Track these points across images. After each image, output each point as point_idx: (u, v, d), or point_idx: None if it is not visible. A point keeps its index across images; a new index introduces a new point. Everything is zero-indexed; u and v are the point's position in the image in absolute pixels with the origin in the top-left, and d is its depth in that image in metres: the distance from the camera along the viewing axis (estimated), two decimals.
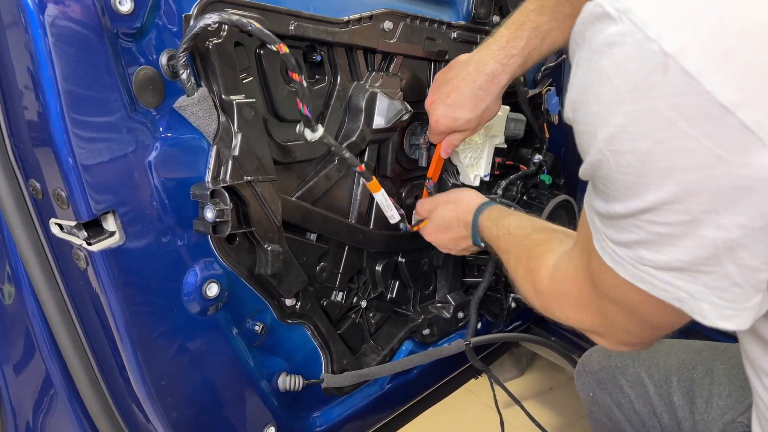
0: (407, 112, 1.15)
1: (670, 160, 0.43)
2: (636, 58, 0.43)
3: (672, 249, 0.47)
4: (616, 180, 0.48)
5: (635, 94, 0.43)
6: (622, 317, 0.63)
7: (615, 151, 0.46)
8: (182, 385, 0.92)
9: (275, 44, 0.84)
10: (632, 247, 0.51)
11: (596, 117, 0.47)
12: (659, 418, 1.00)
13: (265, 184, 0.91)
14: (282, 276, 1.00)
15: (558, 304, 0.77)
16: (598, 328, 0.70)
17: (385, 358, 1.27)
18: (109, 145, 0.77)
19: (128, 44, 0.78)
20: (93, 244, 0.78)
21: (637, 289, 0.52)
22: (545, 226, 0.96)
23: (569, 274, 0.72)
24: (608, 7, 0.43)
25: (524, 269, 0.86)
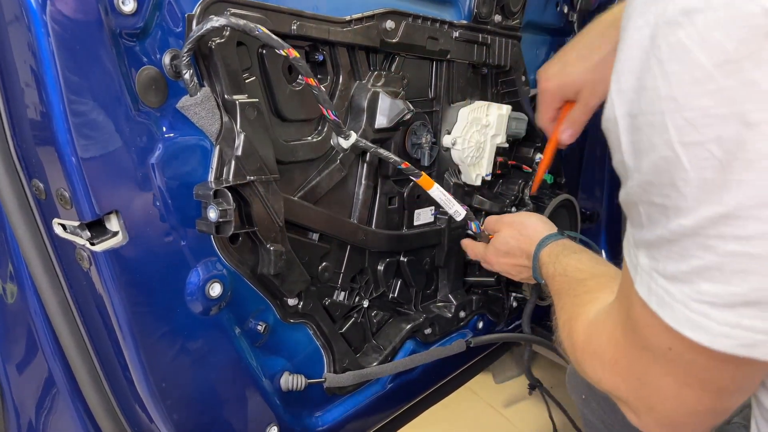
0: (409, 111, 1.15)
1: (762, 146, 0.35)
2: (727, 23, 0.34)
3: (749, 276, 0.38)
4: (688, 182, 0.39)
5: (726, 67, 0.35)
6: (670, 383, 0.51)
7: (693, 143, 0.38)
8: (185, 384, 0.92)
9: (284, 49, 0.84)
10: (691, 279, 0.41)
11: (668, 103, 0.38)
12: None
13: (268, 184, 0.91)
14: (284, 276, 1.00)
15: (591, 363, 0.65)
16: (635, 399, 0.57)
17: (387, 357, 1.27)
18: (113, 145, 0.77)
19: (131, 44, 0.78)
20: (96, 245, 0.78)
21: (697, 347, 0.43)
22: (606, 272, 0.81)
23: (607, 328, 0.61)
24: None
25: (566, 316, 0.75)
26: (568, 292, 0.80)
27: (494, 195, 1.53)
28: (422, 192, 1.31)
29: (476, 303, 1.51)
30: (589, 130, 1.80)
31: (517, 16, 1.40)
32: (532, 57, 1.55)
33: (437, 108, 1.32)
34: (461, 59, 1.31)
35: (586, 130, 1.21)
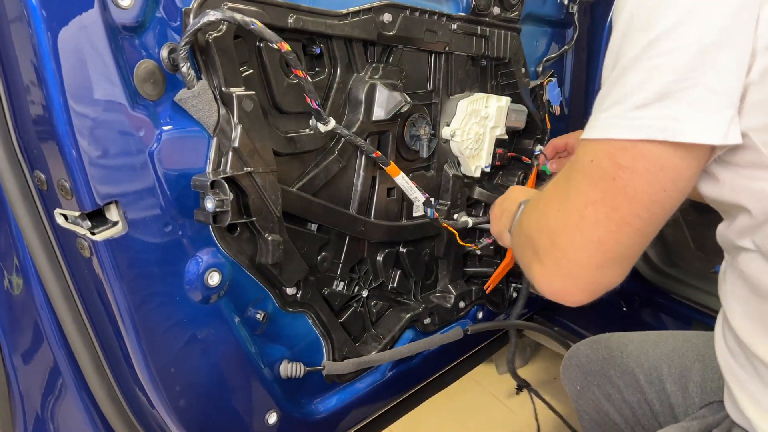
0: (407, 103, 1.16)
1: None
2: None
3: (664, 75, 0.55)
4: (635, 28, 0.58)
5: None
6: (581, 200, 0.63)
7: (638, 3, 0.58)
8: (185, 371, 0.94)
9: (277, 42, 0.85)
10: (625, 99, 0.58)
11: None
12: (650, 404, 1.01)
13: (265, 174, 0.93)
14: (283, 265, 1.01)
15: (529, 214, 0.77)
16: (545, 240, 0.68)
17: (386, 346, 1.28)
18: (112, 137, 0.78)
19: (129, 38, 0.79)
20: (96, 234, 0.80)
21: (623, 144, 0.58)
22: None
23: (549, 185, 0.75)
24: None
25: (523, 211, 0.88)
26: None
27: (494, 186, 1.54)
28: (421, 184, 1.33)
29: (476, 293, 1.53)
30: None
31: (516, 7, 1.41)
32: (532, 49, 1.56)
33: (436, 100, 1.33)
34: (460, 52, 1.32)
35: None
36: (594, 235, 0.63)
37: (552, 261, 0.67)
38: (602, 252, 0.64)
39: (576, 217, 0.64)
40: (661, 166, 0.58)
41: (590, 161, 0.62)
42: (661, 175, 0.59)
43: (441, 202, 1.40)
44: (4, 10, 0.74)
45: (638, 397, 1.03)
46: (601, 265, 0.64)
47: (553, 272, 0.68)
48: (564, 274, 0.67)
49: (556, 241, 0.67)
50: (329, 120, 1.01)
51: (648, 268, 1.97)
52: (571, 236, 0.65)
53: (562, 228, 0.66)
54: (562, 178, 0.69)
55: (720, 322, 0.79)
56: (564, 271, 0.67)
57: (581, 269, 0.65)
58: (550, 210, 0.69)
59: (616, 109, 0.59)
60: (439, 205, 1.40)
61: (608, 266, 0.65)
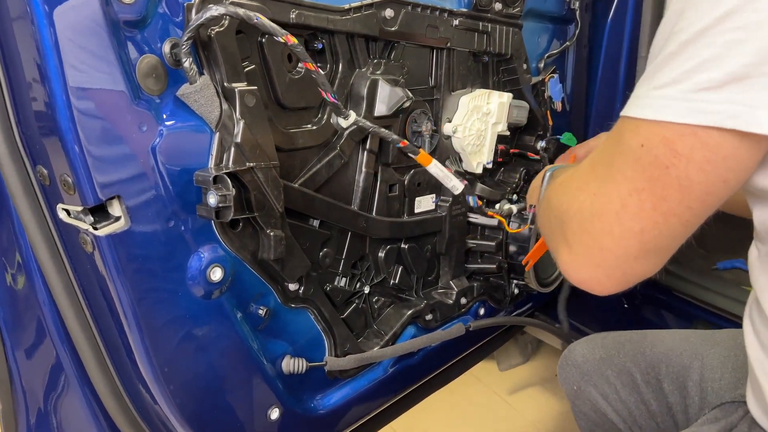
0: (408, 98, 1.16)
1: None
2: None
3: (738, 55, 0.48)
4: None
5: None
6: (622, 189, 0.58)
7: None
8: (187, 367, 0.94)
9: (282, 36, 0.85)
10: (688, 77, 0.51)
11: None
12: (647, 405, 1.01)
13: (267, 170, 0.93)
14: (285, 261, 1.01)
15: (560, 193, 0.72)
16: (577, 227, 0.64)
17: (387, 342, 1.28)
18: (114, 132, 0.79)
19: (131, 33, 0.79)
20: (99, 229, 0.80)
21: (684, 129, 0.51)
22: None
23: (586, 165, 0.68)
24: None
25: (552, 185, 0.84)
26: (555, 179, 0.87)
27: (495, 183, 1.54)
28: (423, 179, 1.33)
29: (477, 290, 1.52)
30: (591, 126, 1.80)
31: (518, 4, 1.41)
32: (534, 45, 1.56)
33: (438, 96, 1.33)
34: (462, 47, 1.32)
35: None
36: (636, 226, 0.58)
37: (582, 248, 0.63)
38: (642, 243, 0.59)
39: (617, 204, 0.59)
40: (724, 156, 0.52)
41: (640, 145, 0.56)
42: (723, 165, 0.53)
43: (443, 198, 1.40)
44: (6, 4, 0.74)
45: (635, 397, 1.03)
46: (639, 257, 0.60)
47: (582, 260, 0.64)
48: (595, 263, 0.62)
49: (588, 228, 0.62)
50: (349, 113, 1.00)
51: None
52: (608, 225, 0.60)
53: (598, 214, 0.61)
54: (602, 159, 0.63)
55: (750, 315, 0.71)
56: (595, 260, 0.62)
57: (615, 259, 0.61)
58: (585, 194, 0.64)
59: (675, 89, 0.52)
60: (441, 202, 1.40)
61: (646, 257, 0.60)
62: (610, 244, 0.60)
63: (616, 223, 0.59)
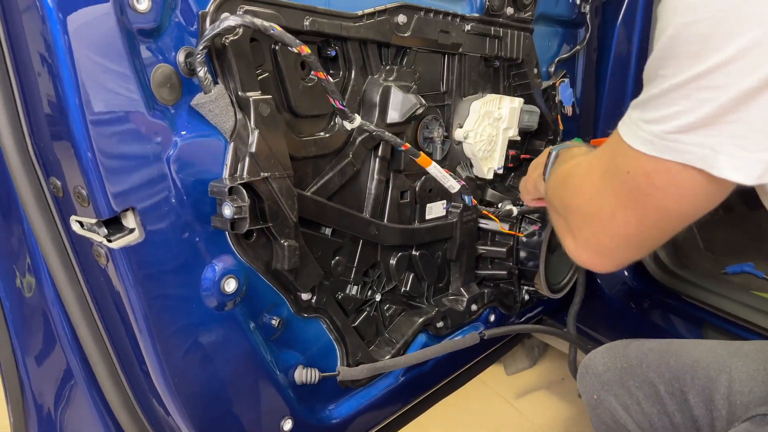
0: (421, 106, 1.15)
1: (736, 21, 0.51)
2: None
3: (709, 106, 0.55)
4: (681, 53, 0.56)
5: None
6: (615, 203, 0.67)
7: (688, 22, 0.55)
8: (200, 378, 0.93)
9: (296, 47, 0.84)
10: (668, 120, 0.58)
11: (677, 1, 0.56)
12: (671, 417, 0.99)
13: (282, 180, 0.91)
14: (298, 270, 1.00)
15: (561, 186, 0.84)
16: (580, 218, 0.74)
17: (399, 350, 1.27)
18: (129, 143, 0.77)
19: (146, 42, 0.78)
20: (113, 241, 0.79)
21: (658, 162, 0.60)
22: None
23: (584, 165, 0.78)
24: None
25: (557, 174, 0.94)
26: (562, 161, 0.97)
27: (506, 188, 1.53)
28: (434, 185, 1.32)
29: (488, 296, 1.51)
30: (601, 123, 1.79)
31: (530, 8, 1.39)
32: (544, 49, 1.55)
33: (449, 102, 1.32)
34: (473, 52, 1.31)
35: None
36: (623, 232, 0.68)
37: (583, 239, 0.74)
38: (631, 243, 0.70)
39: (607, 213, 0.69)
40: (694, 192, 0.60)
41: (627, 172, 0.64)
42: (693, 198, 0.61)
43: (454, 204, 1.39)
44: (20, 14, 0.73)
45: (658, 409, 1.01)
46: (629, 250, 0.71)
47: (584, 248, 0.75)
48: (594, 251, 0.73)
49: (588, 224, 0.73)
50: (354, 117, 1.00)
51: (658, 269, 1.96)
52: (602, 226, 0.70)
53: (594, 217, 0.71)
54: (599, 166, 0.72)
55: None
56: (594, 249, 0.73)
57: (611, 250, 0.72)
58: (582, 197, 0.74)
59: (657, 127, 0.59)
60: (452, 208, 1.39)
61: (636, 251, 0.71)
62: (605, 240, 0.71)
63: (608, 225, 0.70)
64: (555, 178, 0.91)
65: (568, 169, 0.87)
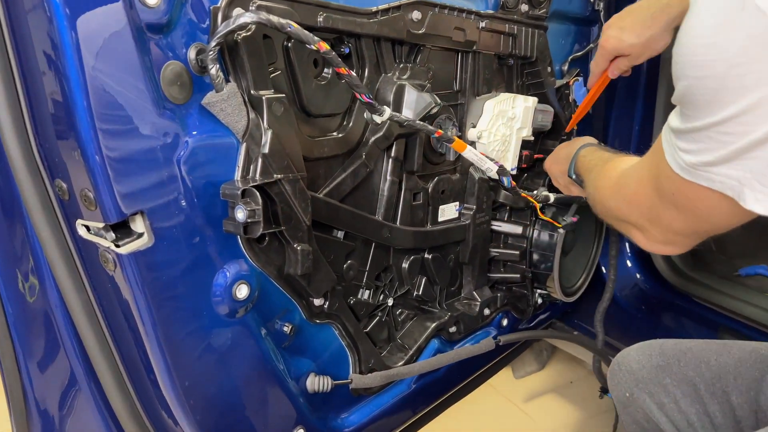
0: (436, 104, 1.11)
1: (741, 81, 0.56)
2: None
3: (731, 147, 0.60)
4: (699, 102, 0.61)
5: (717, 29, 0.57)
6: (671, 214, 0.77)
7: (699, 77, 0.60)
8: (210, 386, 0.90)
9: (314, 44, 0.81)
10: (698, 154, 0.65)
11: (687, 48, 0.61)
12: (711, 417, 0.96)
13: (295, 182, 0.88)
14: (311, 275, 0.97)
15: (617, 200, 0.93)
16: (644, 222, 0.85)
17: (412, 357, 1.24)
18: (138, 144, 0.74)
19: (155, 38, 0.75)
20: (121, 246, 0.76)
21: (697, 187, 0.67)
22: (623, 155, 1.08)
23: (635, 178, 0.87)
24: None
25: (595, 179, 1.04)
26: (597, 166, 1.08)
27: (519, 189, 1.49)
28: (447, 187, 1.29)
29: (501, 300, 1.48)
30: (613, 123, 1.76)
31: (544, 5, 1.36)
32: (557, 47, 1.51)
33: (462, 101, 1.29)
34: (487, 50, 1.28)
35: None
36: (682, 231, 0.80)
37: (651, 236, 0.85)
38: (691, 236, 0.81)
39: (666, 220, 0.80)
40: (727, 212, 0.67)
41: (672, 193, 0.74)
42: (728, 216, 0.69)
43: (466, 206, 1.36)
44: (25, 9, 0.70)
45: (697, 408, 0.98)
46: (692, 239, 0.81)
47: (653, 241, 0.86)
48: (662, 243, 0.85)
49: (652, 226, 0.83)
50: (384, 109, 0.97)
51: (671, 272, 1.92)
52: (663, 229, 0.82)
53: (654, 221, 0.82)
54: (650, 183, 0.80)
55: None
56: (662, 242, 0.85)
57: (675, 242, 0.83)
58: (642, 206, 0.84)
59: (692, 158, 0.66)
60: (465, 209, 1.36)
61: (697, 239, 0.81)
62: (669, 236, 0.82)
63: (669, 228, 0.81)
64: (603, 184, 1.00)
65: (613, 181, 0.96)
